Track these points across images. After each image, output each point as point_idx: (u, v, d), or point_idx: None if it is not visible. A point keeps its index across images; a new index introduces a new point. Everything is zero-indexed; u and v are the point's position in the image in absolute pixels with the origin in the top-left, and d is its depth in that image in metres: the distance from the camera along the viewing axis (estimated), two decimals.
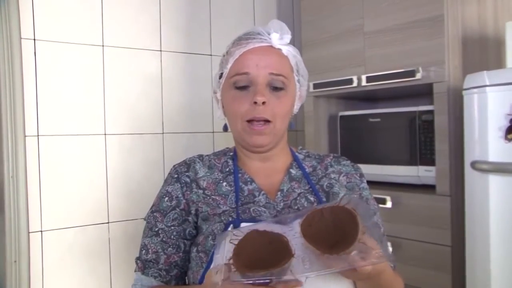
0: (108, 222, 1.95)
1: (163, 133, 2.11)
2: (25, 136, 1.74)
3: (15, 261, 1.68)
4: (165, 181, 1.12)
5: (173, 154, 2.12)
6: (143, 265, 1.05)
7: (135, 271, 1.07)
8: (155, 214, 1.08)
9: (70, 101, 1.87)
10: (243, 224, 0.96)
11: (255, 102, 0.99)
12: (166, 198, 1.07)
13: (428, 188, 1.83)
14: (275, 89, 1.03)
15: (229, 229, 0.96)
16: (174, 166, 1.13)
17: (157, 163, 2.09)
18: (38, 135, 1.79)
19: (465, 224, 1.64)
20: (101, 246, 1.94)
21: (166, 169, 2.07)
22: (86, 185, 1.90)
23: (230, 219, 1.00)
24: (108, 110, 1.96)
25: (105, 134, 1.95)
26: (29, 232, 1.74)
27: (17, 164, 1.71)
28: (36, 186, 1.78)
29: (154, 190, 1.12)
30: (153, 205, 1.10)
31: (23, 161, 1.73)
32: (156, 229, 1.06)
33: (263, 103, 1.00)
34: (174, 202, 1.06)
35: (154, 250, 1.05)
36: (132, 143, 2.02)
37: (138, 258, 1.07)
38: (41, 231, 1.79)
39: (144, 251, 1.06)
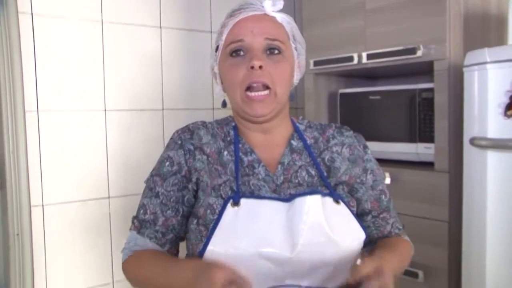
0: (108, 197, 1.96)
1: (163, 109, 2.11)
2: (24, 111, 1.74)
3: (17, 234, 1.70)
4: (167, 146, 1.11)
5: (172, 131, 2.07)
6: (140, 225, 1.04)
7: (130, 229, 1.06)
8: (155, 177, 1.07)
9: (69, 76, 1.87)
10: (242, 200, 0.97)
11: (252, 67, 0.98)
12: (168, 163, 1.06)
13: (427, 165, 1.84)
14: (272, 54, 1.02)
15: None
16: (177, 131, 1.12)
17: (157, 139, 2.09)
18: (37, 111, 1.79)
19: (462, 200, 1.66)
20: (102, 220, 1.95)
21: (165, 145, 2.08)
22: (87, 160, 1.91)
23: (229, 191, 1.00)
24: (108, 86, 1.96)
25: (105, 110, 1.95)
26: (30, 206, 1.75)
27: (17, 140, 1.71)
28: (37, 161, 1.79)
29: (153, 165, 1.12)
30: (153, 169, 1.09)
31: (23, 136, 1.73)
32: (156, 191, 1.05)
33: (260, 67, 0.99)
34: (175, 168, 1.05)
35: (152, 211, 1.04)
36: (132, 119, 2.03)
37: (135, 217, 1.06)
38: (43, 205, 1.80)
39: (142, 210, 1.05)
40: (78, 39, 1.88)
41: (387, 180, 1.85)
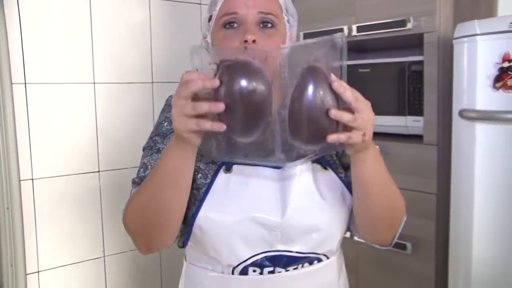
0: (98, 171, 1.96)
1: (152, 82, 2.10)
2: (11, 83, 1.72)
3: (7, 208, 1.70)
4: (162, 110, 1.10)
5: (162, 104, 2.10)
6: (141, 180, 0.99)
7: (131, 192, 1.00)
8: (154, 138, 1.04)
9: (57, 49, 1.84)
10: (235, 167, 0.96)
11: (245, 41, 0.98)
12: (166, 123, 1.05)
13: (416, 138, 1.86)
14: (265, 27, 1.01)
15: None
16: (170, 96, 1.10)
17: (147, 112, 2.08)
18: (25, 83, 1.77)
19: (450, 173, 1.68)
20: (92, 194, 1.96)
21: (155, 119, 2.07)
22: (76, 134, 1.90)
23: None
24: (96, 58, 1.93)
25: (93, 83, 1.93)
26: (20, 180, 1.74)
27: (5, 112, 1.70)
28: (25, 135, 1.78)
29: (143, 139, 1.10)
30: (151, 133, 1.07)
31: (11, 109, 1.71)
32: (157, 147, 1.02)
33: (254, 41, 0.98)
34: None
35: (154, 166, 0.99)
36: (121, 92, 2.01)
37: (135, 177, 1.02)
38: (32, 179, 1.80)
39: (142, 169, 1.01)
40: (66, 10, 1.85)
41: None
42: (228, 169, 0.97)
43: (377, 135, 1.99)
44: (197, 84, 0.75)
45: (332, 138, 0.77)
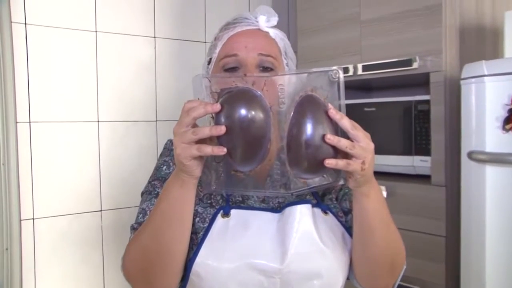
0: (101, 210, 1.93)
1: (156, 120, 2.09)
2: (16, 122, 1.71)
3: (6, 249, 1.66)
4: (161, 154, 1.10)
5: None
6: (140, 226, 0.95)
7: (130, 238, 0.98)
8: (153, 182, 1.04)
9: (62, 87, 1.84)
10: (233, 211, 0.95)
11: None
12: (164, 167, 1.05)
13: (423, 178, 1.83)
14: (265, 70, 1.01)
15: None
16: (170, 140, 1.11)
17: (151, 150, 2.07)
18: (29, 122, 1.76)
19: (460, 215, 1.64)
20: (94, 234, 1.92)
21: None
22: (79, 173, 1.88)
23: (220, 200, 0.99)
24: (101, 96, 1.93)
25: (98, 121, 1.92)
26: (20, 220, 1.71)
27: (9, 151, 1.68)
28: (28, 174, 1.76)
29: (146, 177, 1.09)
30: (150, 177, 1.06)
31: (15, 148, 1.70)
32: (156, 192, 1.01)
33: (253, 84, 0.98)
34: (172, 169, 1.03)
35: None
36: (125, 131, 2.00)
37: (134, 223, 0.99)
38: (33, 218, 1.77)
39: (141, 215, 0.99)
40: (72, 49, 1.86)
41: (383, 194, 1.83)
42: (227, 214, 0.95)
43: (384, 175, 1.98)
44: (199, 110, 0.77)
45: (330, 162, 0.77)
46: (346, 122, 0.79)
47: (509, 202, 1.48)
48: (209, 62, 1.08)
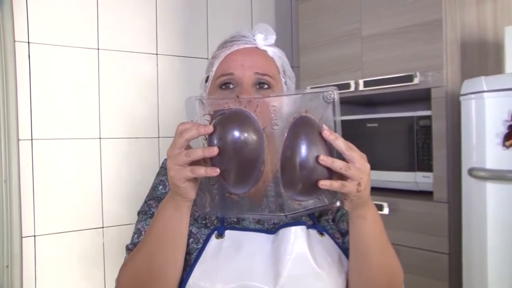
0: (102, 227, 1.93)
1: (158, 137, 2.09)
2: (18, 139, 1.73)
3: (7, 266, 1.66)
4: (158, 173, 1.10)
5: None
6: (135, 247, 0.96)
7: (125, 258, 0.98)
8: (149, 202, 1.04)
9: (64, 104, 1.85)
10: (227, 232, 0.94)
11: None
12: (160, 187, 1.05)
13: (426, 194, 1.81)
14: (261, 88, 1.00)
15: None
16: (166, 159, 1.11)
17: (153, 167, 2.07)
18: (32, 139, 1.78)
19: (462, 232, 1.62)
20: (96, 251, 1.92)
21: None
22: (81, 190, 1.89)
23: (215, 221, 0.98)
24: (103, 113, 1.94)
25: (100, 138, 1.93)
26: (22, 237, 1.72)
27: (11, 168, 1.70)
28: (29, 191, 1.77)
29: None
30: (146, 197, 1.06)
31: (17, 165, 1.71)
32: (151, 212, 1.01)
33: (249, 102, 0.98)
34: (168, 189, 1.03)
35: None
36: (127, 147, 2.01)
37: (129, 244, 0.99)
38: (34, 235, 1.77)
39: (136, 235, 0.99)
40: (74, 67, 1.88)
41: (385, 211, 1.82)
42: (221, 235, 0.94)
43: (386, 191, 1.96)
44: (192, 132, 0.76)
45: (324, 183, 0.75)
46: (340, 143, 0.78)
47: (511, 219, 1.46)
48: (206, 80, 1.08)
